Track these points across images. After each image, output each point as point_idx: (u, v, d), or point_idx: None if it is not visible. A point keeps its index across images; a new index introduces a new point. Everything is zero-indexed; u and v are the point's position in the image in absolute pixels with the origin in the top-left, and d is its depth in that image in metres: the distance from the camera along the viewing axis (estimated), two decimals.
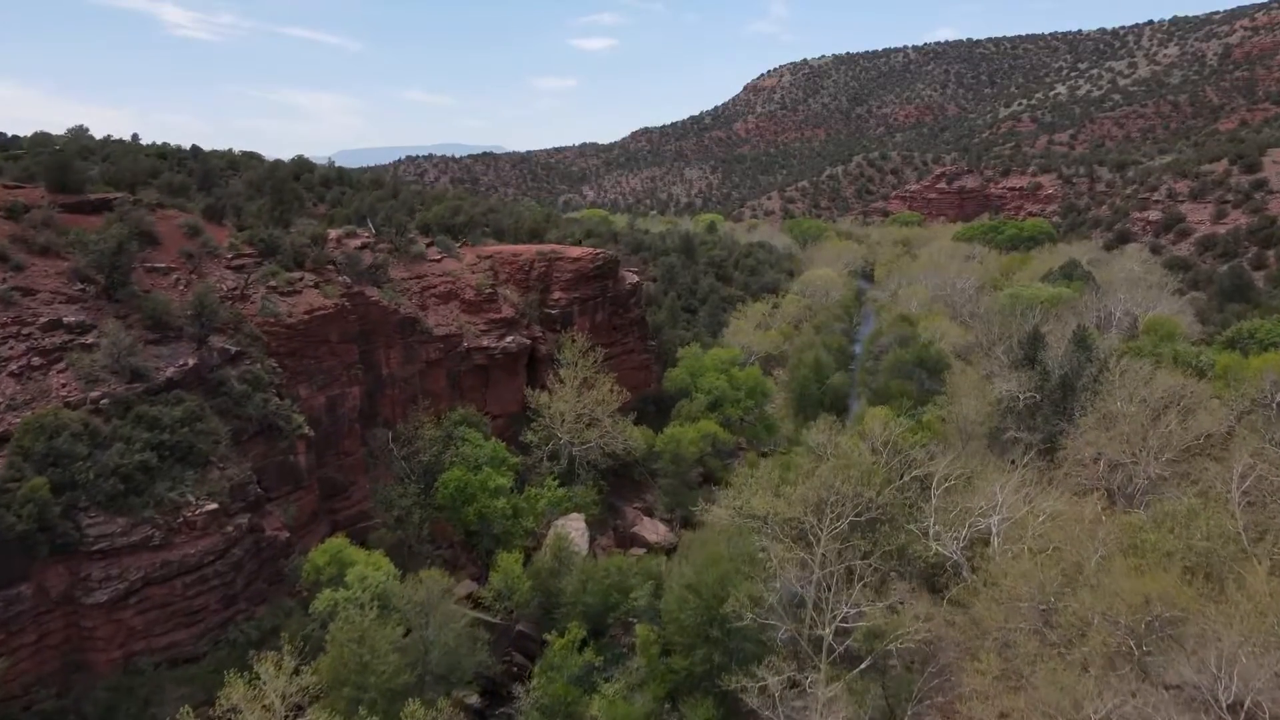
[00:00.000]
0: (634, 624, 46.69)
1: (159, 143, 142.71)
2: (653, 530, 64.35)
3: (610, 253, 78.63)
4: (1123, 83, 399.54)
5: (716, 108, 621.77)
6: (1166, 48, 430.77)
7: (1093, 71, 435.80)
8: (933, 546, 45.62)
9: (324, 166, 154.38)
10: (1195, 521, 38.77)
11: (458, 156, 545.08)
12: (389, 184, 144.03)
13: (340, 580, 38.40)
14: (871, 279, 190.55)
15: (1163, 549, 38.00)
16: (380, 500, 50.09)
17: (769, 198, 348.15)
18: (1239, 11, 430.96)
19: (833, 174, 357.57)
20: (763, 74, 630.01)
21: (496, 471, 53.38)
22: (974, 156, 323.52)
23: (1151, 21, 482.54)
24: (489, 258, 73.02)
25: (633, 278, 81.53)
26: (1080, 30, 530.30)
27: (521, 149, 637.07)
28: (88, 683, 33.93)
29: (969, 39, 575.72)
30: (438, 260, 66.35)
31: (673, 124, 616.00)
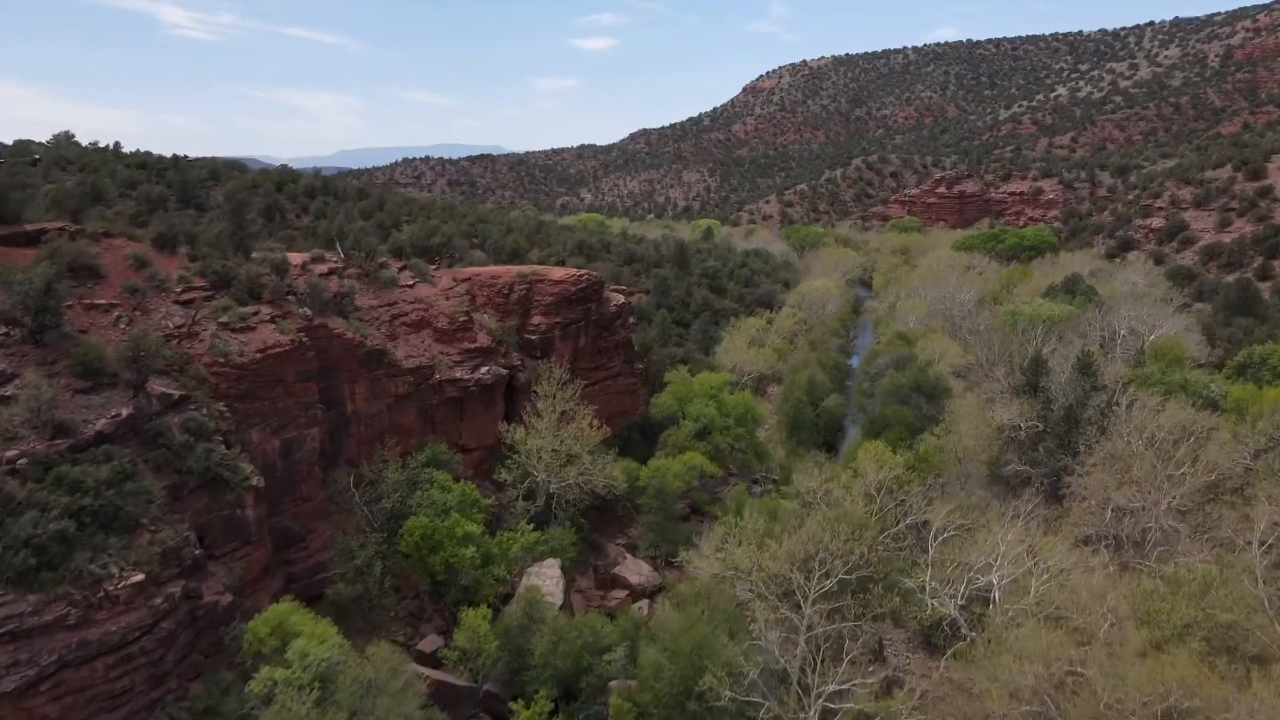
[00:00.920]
0: (610, 685, 43.57)
1: (142, 150, 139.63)
2: (635, 571, 61.09)
3: (594, 274, 75.35)
4: (1124, 84, 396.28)
5: (715, 109, 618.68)
6: (1168, 49, 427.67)
7: (1093, 73, 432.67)
8: (929, 605, 42.46)
9: (309, 174, 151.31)
10: (1214, 589, 35.61)
11: (455, 159, 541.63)
12: (376, 194, 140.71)
13: (283, 654, 35.17)
14: (870, 286, 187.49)
15: (1179, 620, 34.81)
16: (339, 550, 46.81)
17: (767, 201, 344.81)
18: (1240, 13, 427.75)
19: (831, 177, 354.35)
20: (761, 75, 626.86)
21: (465, 517, 50.14)
22: (974, 160, 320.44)
23: (1153, 22, 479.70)
24: (466, 280, 69.78)
25: (619, 298, 78.30)
26: (1081, 31, 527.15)
27: (522, 149, 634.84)
28: None
29: (969, 40, 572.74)
30: (410, 286, 63.08)
31: (671, 125, 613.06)
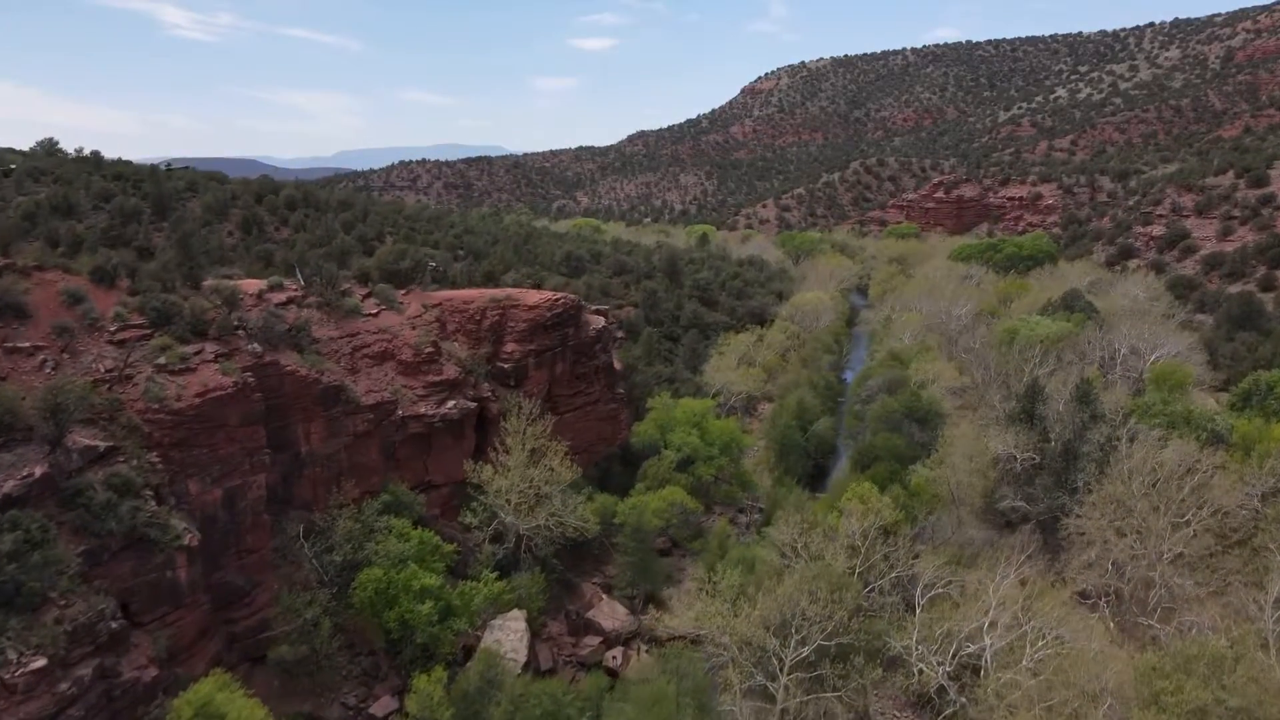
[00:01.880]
0: None
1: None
2: (610, 614, 57.99)
3: (572, 296, 72.20)
4: (1124, 86, 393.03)
5: (714, 111, 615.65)
6: (1168, 50, 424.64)
7: (1093, 74, 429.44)
8: (916, 671, 39.37)
9: (290, 183, 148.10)
10: (1227, 667, 32.53)
11: (452, 161, 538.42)
12: (359, 205, 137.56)
13: None
14: (867, 293, 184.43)
15: (1189, 703, 31.73)
16: (284, 608, 43.74)
17: (764, 205, 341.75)
18: (1241, 14, 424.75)
19: (829, 181, 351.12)
20: (760, 77, 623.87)
21: (425, 567, 47.09)
22: (973, 163, 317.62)
23: (1153, 23, 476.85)
24: (436, 306, 66.70)
25: (598, 321, 75.17)
26: (1080, 32, 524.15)
27: (521, 149, 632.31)
28: None
29: (968, 41, 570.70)
30: (374, 314, 59.96)
31: (669, 127, 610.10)
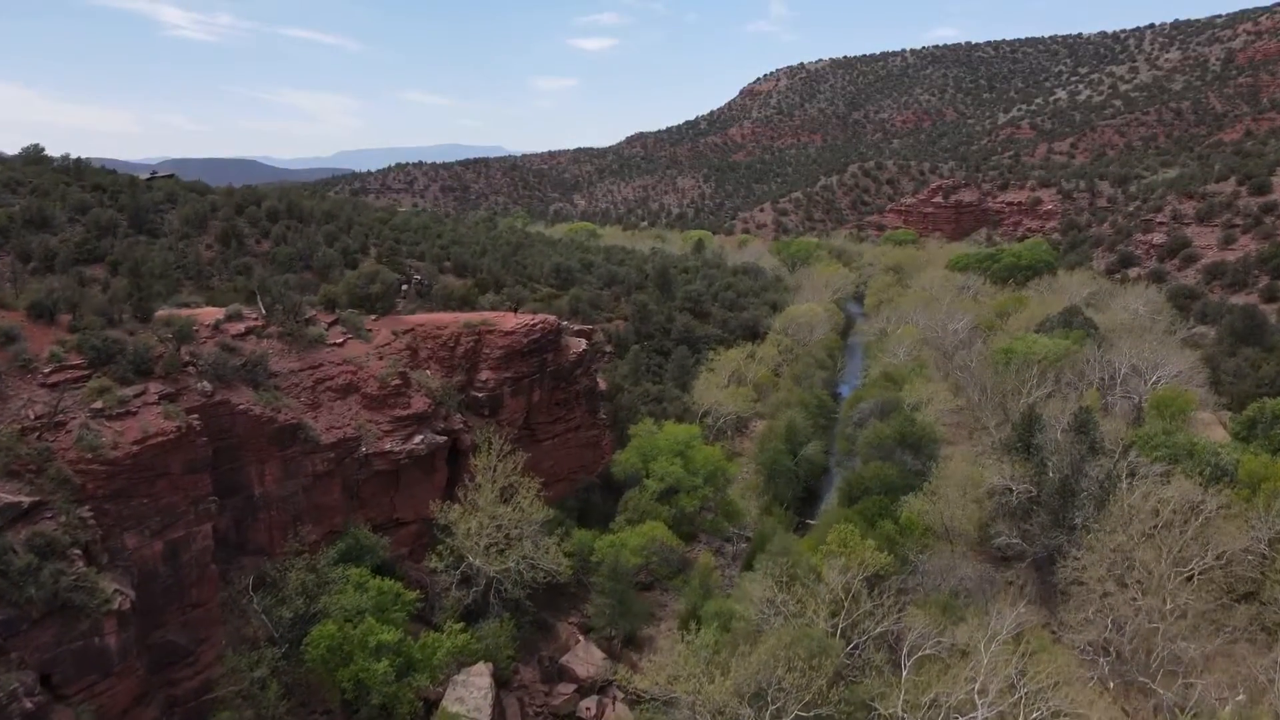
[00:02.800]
0: None
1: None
2: (586, 659, 55.31)
3: (551, 320, 69.41)
4: (1124, 88, 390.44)
5: (712, 112, 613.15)
6: (1168, 52, 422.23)
7: (1093, 76, 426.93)
8: None
9: (275, 191, 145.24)
10: None
11: (448, 163, 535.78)
12: (344, 216, 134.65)
13: None
14: (864, 300, 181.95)
15: None
16: (229, 669, 41.06)
17: (761, 209, 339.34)
18: (1241, 15, 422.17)
19: (827, 184, 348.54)
20: (759, 78, 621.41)
21: (384, 619, 44.42)
22: (972, 166, 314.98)
23: (1153, 25, 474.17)
24: (408, 332, 63.97)
25: (579, 344, 72.48)
26: (1080, 34, 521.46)
27: (521, 150, 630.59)
28: None
29: (968, 42, 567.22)
30: (339, 344, 57.20)
31: (668, 129, 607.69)
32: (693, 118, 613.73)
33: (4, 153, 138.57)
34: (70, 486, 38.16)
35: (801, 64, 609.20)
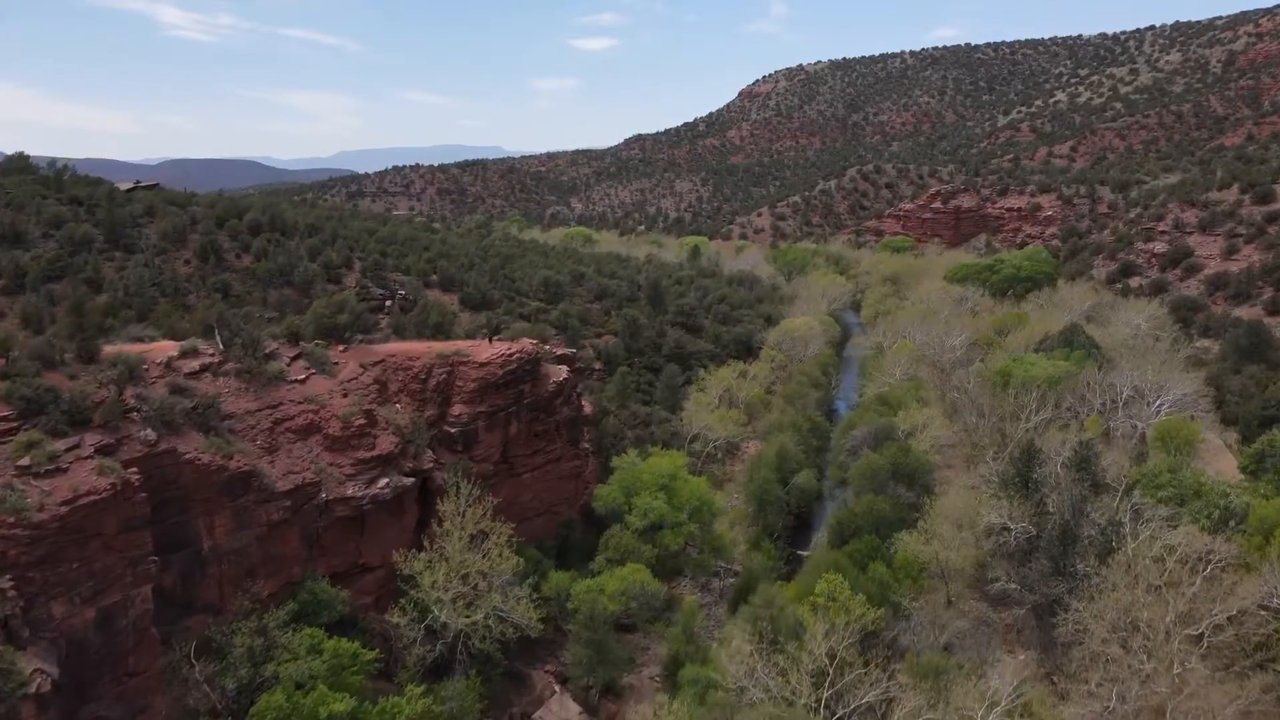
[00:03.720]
0: None
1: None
2: (560, 714, 52.45)
3: (531, 346, 66.47)
4: (1124, 90, 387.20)
5: (711, 114, 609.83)
6: (1169, 54, 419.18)
7: (1093, 78, 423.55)
8: None
9: (257, 202, 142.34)
10: None
11: (446, 166, 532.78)
12: (329, 228, 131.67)
13: None
14: (860, 310, 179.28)
15: None
16: None
17: (759, 214, 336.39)
18: (1242, 16, 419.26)
19: (826, 188, 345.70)
20: (758, 80, 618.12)
21: (337, 687, 41.55)
22: (971, 170, 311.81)
23: (1153, 27, 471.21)
24: (378, 364, 61.11)
25: (560, 373, 69.54)
26: (1080, 35, 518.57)
27: (520, 150, 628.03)
28: None
29: (967, 44, 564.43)
30: (301, 380, 54.29)
31: (666, 131, 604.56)
32: (691, 119, 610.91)
33: (2, 152, 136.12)
34: None
35: (801, 65, 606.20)
